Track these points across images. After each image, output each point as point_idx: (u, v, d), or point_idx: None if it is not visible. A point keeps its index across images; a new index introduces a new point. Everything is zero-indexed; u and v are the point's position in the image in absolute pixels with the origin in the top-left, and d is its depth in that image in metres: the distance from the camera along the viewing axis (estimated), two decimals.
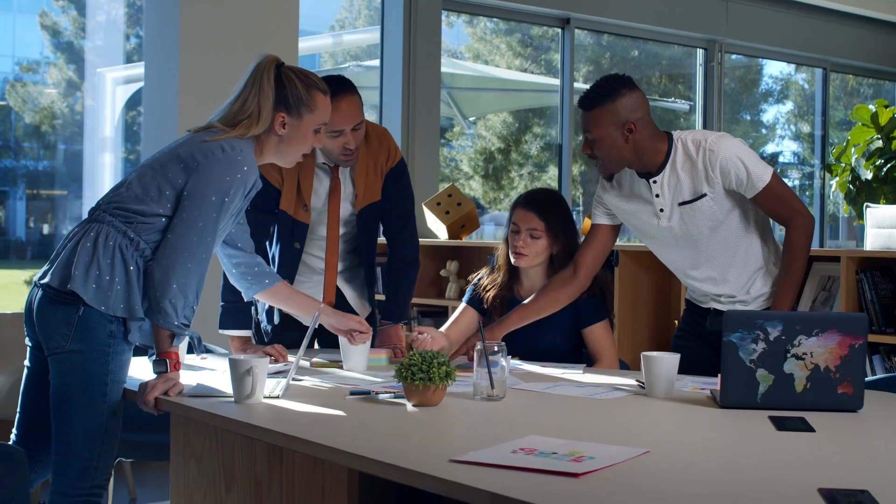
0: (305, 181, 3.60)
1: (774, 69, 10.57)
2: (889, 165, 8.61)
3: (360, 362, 3.31)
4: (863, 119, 8.70)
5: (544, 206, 3.57)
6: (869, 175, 8.63)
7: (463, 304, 3.77)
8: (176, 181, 2.83)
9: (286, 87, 2.95)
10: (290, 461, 2.54)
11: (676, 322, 5.01)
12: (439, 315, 6.01)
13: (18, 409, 2.98)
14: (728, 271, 3.33)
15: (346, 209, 3.67)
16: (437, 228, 6.10)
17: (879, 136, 8.64)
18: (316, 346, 3.77)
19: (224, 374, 3.14)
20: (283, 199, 3.60)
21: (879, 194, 8.60)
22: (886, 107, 8.78)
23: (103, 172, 6.98)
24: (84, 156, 6.91)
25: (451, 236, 6.02)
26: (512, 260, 3.61)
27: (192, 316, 2.83)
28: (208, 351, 3.71)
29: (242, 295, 3.28)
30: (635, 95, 3.22)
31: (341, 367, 3.34)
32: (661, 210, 3.30)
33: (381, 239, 3.79)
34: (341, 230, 3.68)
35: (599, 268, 3.53)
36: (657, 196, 3.29)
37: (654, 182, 3.28)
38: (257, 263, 3.21)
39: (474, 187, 8.95)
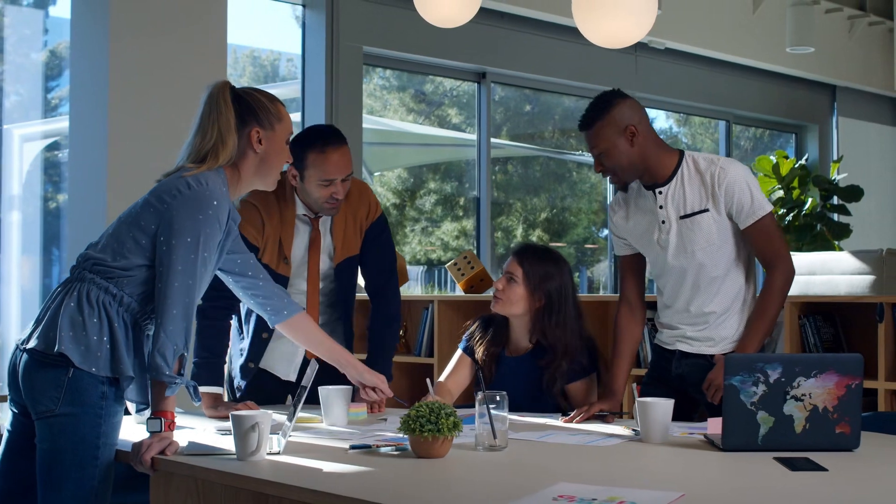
0: (286, 233, 3.56)
1: (663, 123, 10.79)
2: (791, 215, 8.89)
3: (340, 417, 3.27)
4: (765, 170, 8.99)
5: (526, 254, 3.60)
6: None
7: (459, 353, 3.75)
8: (149, 227, 2.75)
9: (251, 102, 2.88)
10: None
11: None
12: None
13: None
14: (710, 302, 3.37)
15: (324, 262, 3.64)
16: None
17: (781, 186, 8.94)
18: (289, 400, 3.68)
19: (205, 431, 3.08)
20: (266, 253, 3.54)
21: None
22: (786, 157, 9.08)
23: (11, 231, 6.83)
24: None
25: None
26: (491, 306, 3.61)
27: (185, 362, 2.74)
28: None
29: (267, 325, 3.24)
30: (629, 103, 3.33)
31: (320, 422, 3.29)
32: (663, 222, 3.37)
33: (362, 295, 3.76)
34: (320, 284, 3.64)
35: (644, 290, 3.60)
36: (661, 207, 3.37)
37: (660, 193, 3.36)
38: (274, 293, 3.15)
39: None
